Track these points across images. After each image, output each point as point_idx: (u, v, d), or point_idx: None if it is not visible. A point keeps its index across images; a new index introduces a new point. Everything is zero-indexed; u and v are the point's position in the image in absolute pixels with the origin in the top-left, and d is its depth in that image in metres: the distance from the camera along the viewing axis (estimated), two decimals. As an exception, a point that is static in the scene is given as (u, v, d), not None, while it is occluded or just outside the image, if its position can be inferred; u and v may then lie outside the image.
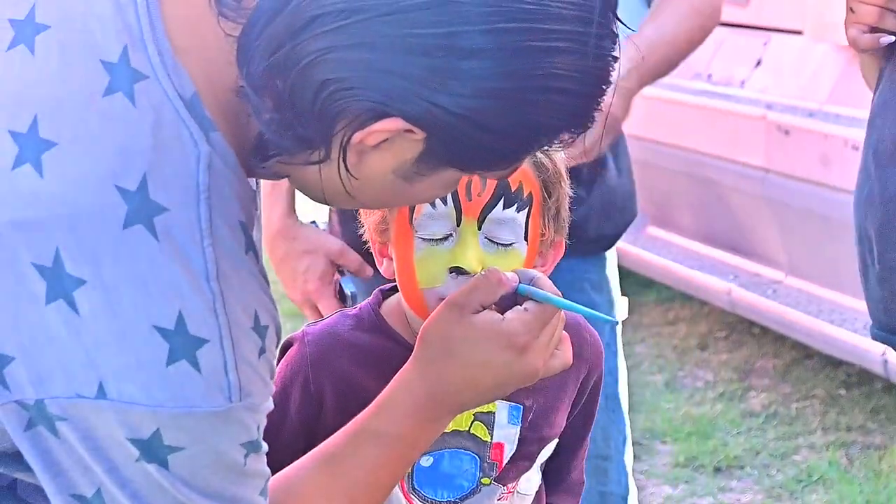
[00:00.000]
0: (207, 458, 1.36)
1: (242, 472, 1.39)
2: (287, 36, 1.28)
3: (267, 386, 1.41)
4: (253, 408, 1.38)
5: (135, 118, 1.32)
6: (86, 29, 1.34)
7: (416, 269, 1.68)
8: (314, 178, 1.39)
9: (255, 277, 1.39)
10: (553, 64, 1.30)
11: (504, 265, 1.67)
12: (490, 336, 1.57)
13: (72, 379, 1.30)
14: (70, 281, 1.29)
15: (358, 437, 1.60)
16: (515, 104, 1.30)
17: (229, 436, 1.36)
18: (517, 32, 1.28)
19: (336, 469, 1.59)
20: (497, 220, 1.67)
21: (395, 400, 1.60)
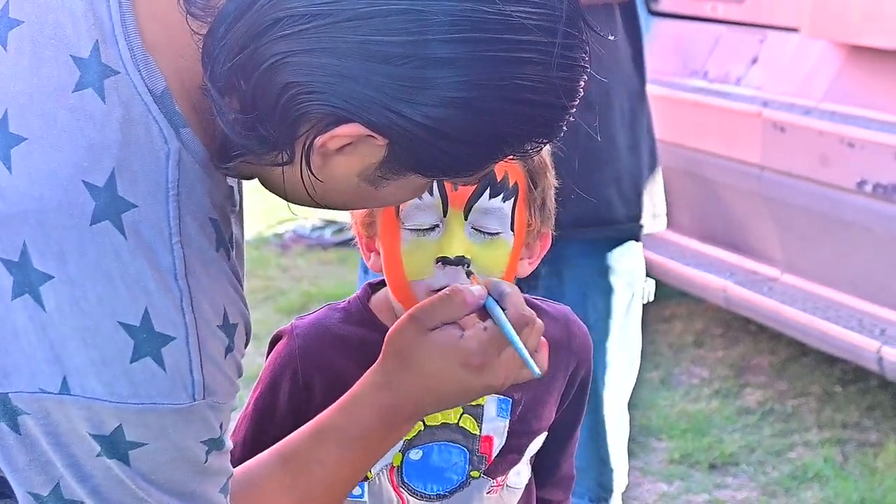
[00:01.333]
0: (168, 454, 1.35)
1: (203, 470, 1.39)
2: (250, 38, 1.28)
3: (232, 385, 1.41)
4: (216, 406, 1.38)
5: (104, 114, 1.31)
6: (58, 24, 1.34)
7: (404, 261, 1.68)
8: (279, 180, 1.38)
9: (224, 275, 1.39)
10: (518, 75, 1.29)
11: (491, 255, 1.67)
12: (446, 354, 1.56)
13: (36, 373, 1.30)
14: (37, 276, 1.28)
15: (319, 435, 1.60)
16: (479, 114, 1.29)
17: (191, 433, 1.36)
18: (482, 43, 1.27)
19: (295, 466, 1.58)
20: (483, 209, 1.67)
21: (358, 402, 1.60)
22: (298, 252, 6.77)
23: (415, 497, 1.82)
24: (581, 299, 2.66)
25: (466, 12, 1.26)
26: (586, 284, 2.66)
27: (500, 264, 1.69)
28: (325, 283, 6.21)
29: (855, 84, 4.43)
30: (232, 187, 1.45)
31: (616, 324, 2.72)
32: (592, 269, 2.66)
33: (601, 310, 2.69)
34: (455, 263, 1.66)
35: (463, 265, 1.66)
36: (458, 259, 1.66)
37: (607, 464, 2.78)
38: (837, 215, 4.35)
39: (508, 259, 1.70)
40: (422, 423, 1.78)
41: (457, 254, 1.66)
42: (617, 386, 2.76)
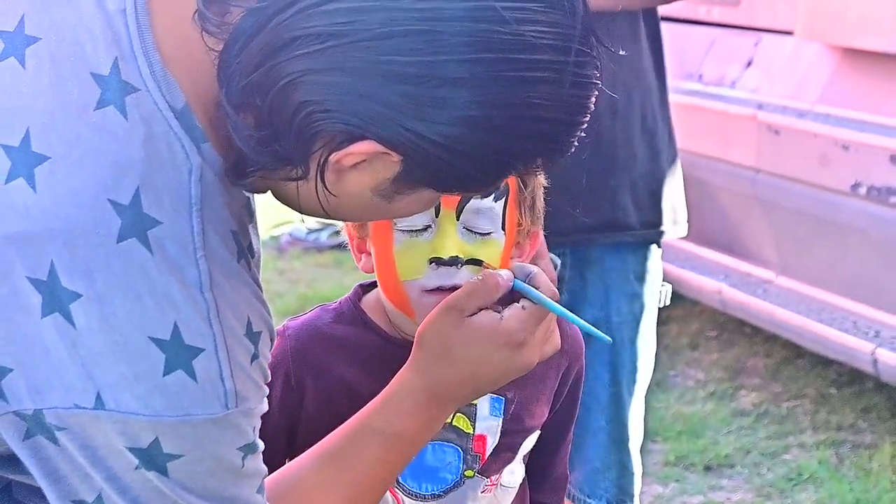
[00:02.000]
0: (206, 463, 1.37)
1: (240, 474, 1.41)
2: (266, 55, 1.29)
3: (260, 389, 1.42)
4: (248, 412, 1.39)
5: (126, 131, 1.32)
6: (76, 41, 1.34)
7: (396, 262, 1.69)
8: (293, 194, 1.40)
9: (247, 285, 1.40)
10: (531, 94, 1.30)
11: (483, 254, 1.69)
12: (489, 336, 1.58)
13: (69, 390, 1.31)
14: (65, 294, 1.29)
15: (359, 434, 1.61)
16: (493, 132, 1.30)
17: (227, 441, 1.38)
18: (495, 62, 1.28)
19: (337, 466, 1.60)
20: (475, 209, 1.68)
21: (396, 400, 1.61)
22: (295, 255, 6.78)
23: (409, 497, 1.82)
24: (604, 302, 2.68)
25: (481, 33, 1.27)
26: (610, 288, 2.67)
27: (493, 263, 1.70)
28: (321, 285, 6.21)
29: (849, 87, 4.44)
30: (249, 198, 1.46)
31: (641, 327, 2.73)
32: (615, 273, 2.67)
33: (624, 313, 2.70)
34: (448, 264, 1.67)
35: (456, 265, 1.67)
36: (451, 259, 1.67)
37: (628, 467, 2.79)
38: (832, 218, 4.35)
39: (500, 258, 1.71)
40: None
41: (450, 254, 1.67)
42: (639, 389, 2.77)
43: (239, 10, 1.32)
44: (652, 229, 2.72)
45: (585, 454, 2.74)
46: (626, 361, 2.73)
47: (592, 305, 2.67)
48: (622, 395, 2.74)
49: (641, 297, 2.72)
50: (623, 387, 2.73)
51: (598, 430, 2.73)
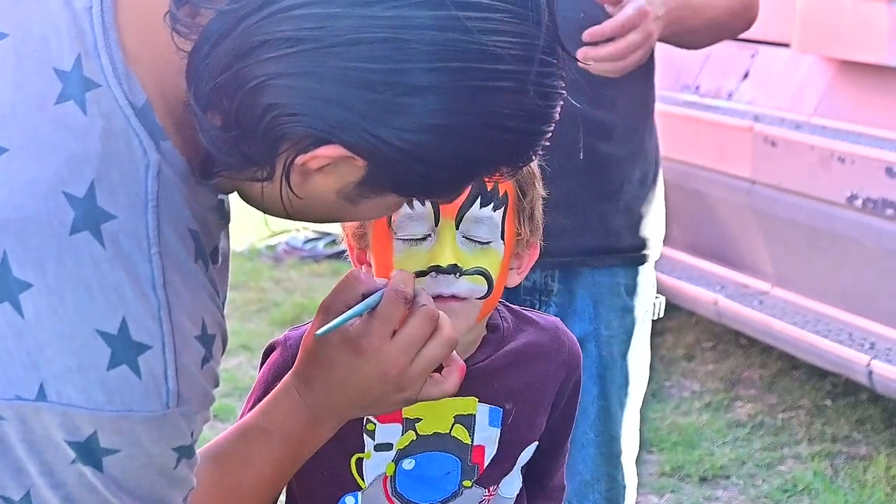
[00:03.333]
0: (141, 460, 1.37)
1: (172, 477, 1.41)
2: (235, 58, 1.30)
3: (207, 395, 1.43)
4: (188, 415, 1.39)
5: (85, 126, 1.32)
6: (42, 37, 1.35)
7: None
8: (257, 194, 1.40)
9: (203, 286, 1.40)
10: (495, 103, 1.31)
11: (482, 264, 1.69)
12: (340, 341, 1.57)
13: (12, 380, 1.31)
14: (16, 284, 1.30)
15: (245, 434, 1.62)
16: (456, 140, 1.31)
17: (164, 440, 1.38)
18: (460, 71, 1.29)
19: (222, 466, 1.60)
20: (474, 218, 1.70)
21: (278, 400, 1.62)
22: (291, 264, 6.79)
23: (407, 507, 1.83)
24: (593, 316, 2.68)
25: (446, 42, 1.28)
26: (599, 302, 2.68)
27: (492, 272, 1.71)
28: (317, 295, 6.22)
29: (845, 99, 4.46)
30: (222, 200, 1.46)
31: (630, 341, 2.74)
32: (605, 287, 2.67)
33: (614, 327, 2.70)
34: (448, 272, 1.68)
35: (455, 273, 1.68)
36: (450, 267, 1.68)
37: (618, 480, 2.78)
38: (828, 229, 4.37)
39: (500, 267, 1.72)
40: (414, 432, 1.80)
41: (449, 262, 1.68)
42: (631, 402, 2.77)
43: (209, 12, 1.32)
44: (642, 251, 2.72)
45: (574, 466, 2.74)
46: (617, 376, 2.73)
47: (581, 319, 2.67)
48: (612, 408, 2.74)
49: (633, 310, 2.72)
50: (613, 400, 2.73)
51: (588, 442, 2.72)
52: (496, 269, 1.71)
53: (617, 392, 2.73)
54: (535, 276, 2.62)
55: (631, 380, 2.74)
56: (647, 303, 2.76)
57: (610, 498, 2.77)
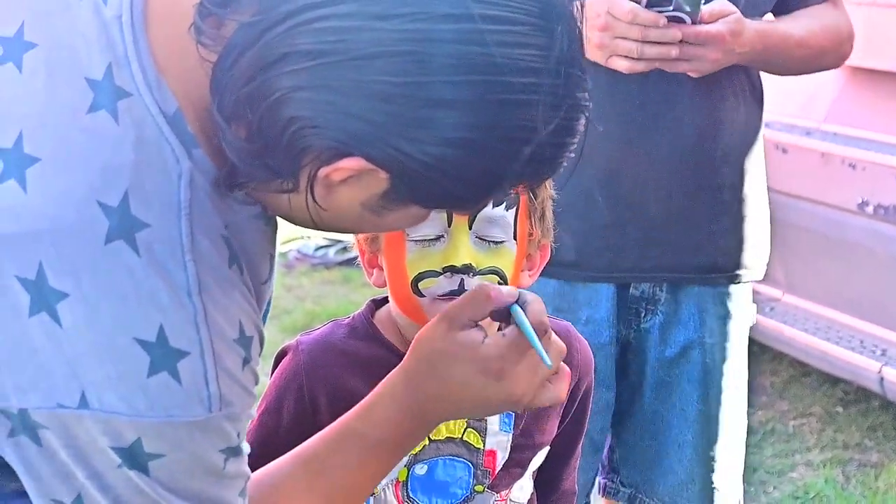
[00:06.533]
0: (187, 463, 1.38)
1: (222, 476, 1.41)
2: (257, 70, 1.30)
3: (250, 395, 1.43)
4: (233, 417, 1.40)
5: (117, 135, 1.33)
6: (72, 47, 1.36)
7: (409, 271, 1.70)
8: (284, 206, 1.41)
9: (238, 290, 1.41)
10: (517, 116, 1.31)
11: (496, 263, 1.70)
12: (468, 357, 1.57)
13: (54, 389, 1.32)
14: (53, 294, 1.30)
15: (340, 438, 1.62)
16: (478, 153, 1.31)
17: (209, 443, 1.38)
18: (481, 85, 1.28)
19: (317, 469, 1.60)
20: (487, 218, 1.70)
21: (379, 404, 1.61)
22: (302, 271, 6.79)
23: (419, 511, 1.83)
24: (698, 325, 2.70)
25: (467, 55, 1.28)
26: (703, 311, 2.70)
27: (505, 272, 1.71)
28: (328, 302, 6.22)
29: (856, 105, 4.45)
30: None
31: (733, 349, 2.76)
32: (709, 297, 2.70)
33: (717, 335, 2.72)
34: (462, 272, 1.68)
35: (469, 273, 1.68)
36: (465, 267, 1.68)
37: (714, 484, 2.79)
38: (839, 236, 4.36)
39: (513, 267, 1.72)
40: (427, 437, 1.80)
41: (463, 262, 1.68)
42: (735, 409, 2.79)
43: (233, 24, 1.33)
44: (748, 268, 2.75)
45: (668, 466, 2.76)
46: (720, 381, 2.75)
47: (686, 328, 2.70)
48: (711, 412, 2.75)
49: (737, 318, 2.75)
50: (713, 405, 2.75)
51: (684, 443, 2.75)
52: (509, 269, 1.72)
53: (719, 397, 2.75)
54: (644, 287, 2.66)
55: (734, 384, 2.77)
56: (748, 310, 2.79)
57: (704, 499, 2.79)
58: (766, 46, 2.55)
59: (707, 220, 2.67)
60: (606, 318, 2.66)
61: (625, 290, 2.68)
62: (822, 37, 2.67)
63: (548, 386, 1.61)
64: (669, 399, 2.75)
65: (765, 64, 2.63)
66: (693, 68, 2.48)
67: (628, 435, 2.80)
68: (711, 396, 2.74)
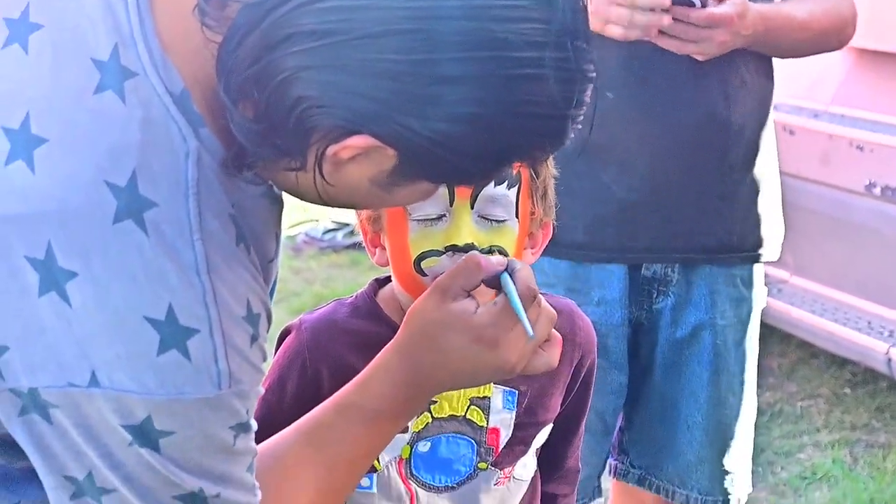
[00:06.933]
0: (197, 440, 1.39)
1: (231, 452, 1.42)
2: (262, 51, 1.31)
3: (258, 372, 1.44)
4: (242, 394, 1.40)
5: (124, 115, 1.34)
6: (77, 28, 1.36)
7: (411, 250, 1.71)
8: (292, 183, 1.42)
9: (246, 268, 1.41)
10: (525, 90, 1.31)
11: (498, 242, 1.70)
12: (461, 326, 1.59)
13: (64, 368, 1.32)
14: (62, 274, 1.31)
15: (339, 411, 1.63)
16: (486, 129, 1.32)
17: (219, 420, 1.39)
18: (488, 60, 1.29)
19: (317, 442, 1.62)
20: (489, 197, 1.70)
21: (375, 377, 1.63)
22: (310, 255, 6.80)
23: (423, 489, 1.84)
24: (709, 306, 2.71)
25: (473, 31, 1.28)
26: (715, 292, 2.70)
27: (508, 251, 1.71)
28: (336, 285, 6.23)
29: (863, 87, 4.45)
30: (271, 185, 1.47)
31: (745, 332, 2.77)
32: (721, 279, 2.71)
33: (729, 317, 2.73)
34: (464, 250, 1.68)
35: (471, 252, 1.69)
36: (467, 246, 1.68)
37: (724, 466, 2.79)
38: (846, 218, 4.36)
39: (515, 246, 1.73)
40: (429, 415, 1.81)
41: (466, 241, 1.68)
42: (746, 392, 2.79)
43: (237, 5, 1.34)
44: (760, 249, 2.75)
45: (677, 447, 2.77)
46: (731, 364, 2.75)
47: (697, 309, 2.70)
48: (722, 395, 2.75)
49: (748, 301, 2.75)
50: (724, 388, 2.75)
51: (693, 425, 2.75)
52: (512, 247, 1.72)
53: (729, 380, 2.75)
54: (656, 268, 2.66)
55: (746, 368, 2.77)
56: (762, 293, 2.79)
57: (713, 481, 2.79)
58: (768, 29, 2.56)
59: (719, 199, 2.67)
60: (619, 299, 2.66)
61: (637, 270, 2.68)
62: (825, 19, 2.68)
63: (540, 353, 1.63)
64: (679, 381, 2.75)
65: (767, 46, 2.63)
66: (700, 50, 2.49)
67: (638, 416, 2.81)
68: (722, 379, 2.74)
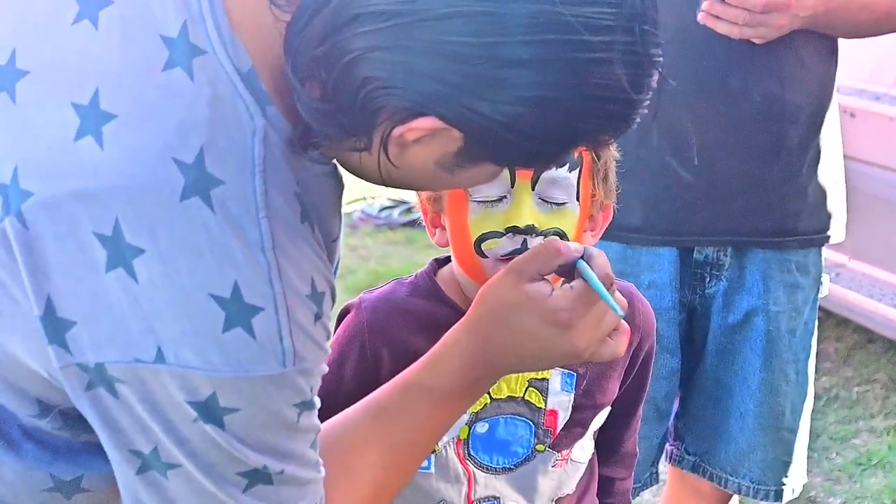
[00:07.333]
0: (261, 418, 1.39)
1: (295, 429, 1.43)
2: (330, 31, 1.31)
3: (322, 350, 1.44)
4: (307, 372, 1.41)
5: (192, 92, 1.34)
6: (147, 4, 1.37)
7: (472, 231, 1.71)
8: (355, 163, 1.42)
9: (310, 246, 1.42)
10: (592, 74, 1.31)
11: (558, 224, 1.70)
12: (536, 308, 1.58)
13: (131, 344, 1.33)
14: (129, 250, 1.32)
15: (406, 390, 1.63)
16: (553, 112, 1.32)
17: (283, 398, 1.40)
18: (556, 44, 1.29)
19: (384, 421, 1.62)
20: (550, 179, 1.70)
21: (445, 357, 1.63)
22: (366, 232, 6.82)
23: (481, 470, 1.84)
24: (762, 291, 2.69)
25: (542, 14, 1.28)
26: (768, 277, 2.69)
27: (568, 233, 1.71)
28: (392, 262, 6.25)
29: (926, 70, 4.41)
30: (335, 165, 1.48)
31: (799, 319, 2.75)
32: (775, 264, 2.69)
33: (782, 303, 2.71)
34: (525, 232, 1.68)
35: (531, 234, 1.69)
36: (527, 227, 1.68)
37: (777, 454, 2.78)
38: (906, 202, 4.33)
39: (575, 228, 1.73)
40: (488, 396, 1.81)
41: (526, 222, 1.68)
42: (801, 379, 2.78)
43: None
44: (818, 234, 2.73)
45: (729, 434, 2.76)
46: (783, 351, 2.73)
47: (750, 294, 2.69)
48: (775, 382, 2.74)
49: (803, 288, 2.73)
50: (777, 374, 2.74)
51: (746, 412, 2.74)
52: (572, 230, 1.72)
53: (782, 368, 2.74)
54: (708, 251, 2.66)
55: (800, 356, 2.75)
56: (817, 281, 2.77)
57: (766, 469, 2.78)
58: (828, 9, 2.54)
59: (775, 182, 2.65)
60: (669, 283, 2.65)
61: (688, 254, 2.67)
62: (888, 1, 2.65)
63: (608, 341, 1.62)
64: (731, 367, 2.74)
65: (827, 27, 2.61)
66: (758, 34, 2.48)
67: (693, 402, 2.80)
68: (775, 366, 2.73)
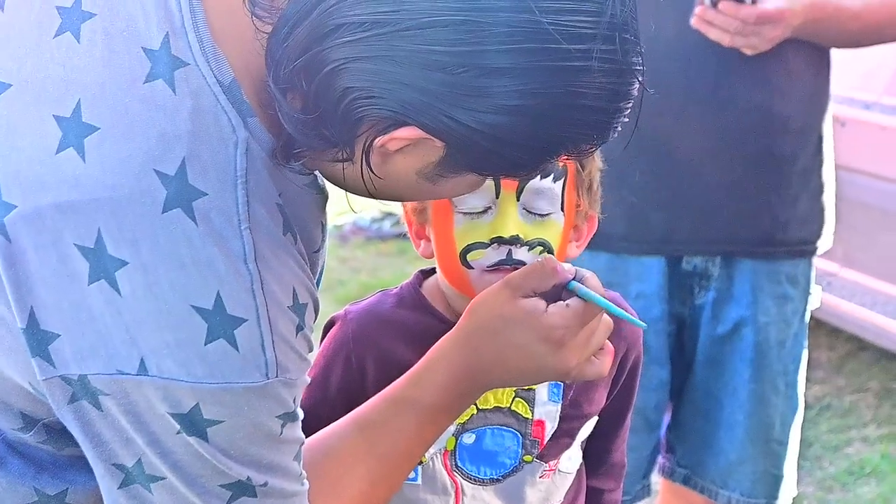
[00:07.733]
0: (245, 429, 1.39)
1: (279, 441, 1.43)
2: (312, 41, 1.31)
3: (304, 361, 1.44)
4: (289, 383, 1.41)
5: (174, 104, 1.34)
6: (129, 17, 1.37)
7: (457, 243, 1.70)
8: (339, 174, 1.42)
9: (292, 257, 1.42)
10: (572, 82, 1.31)
11: (543, 235, 1.70)
12: (532, 324, 1.59)
13: (114, 356, 1.33)
14: (111, 262, 1.31)
15: (393, 404, 1.63)
16: (534, 121, 1.31)
17: (266, 409, 1.40)
18: (536, 52, 1.29)
19: (370, 434, 1.62)
20: (535, 190, 1.70)
21: (432, 369, 1.63)
22: (357, 244, 6.82)
23: (468, 481, 1.83)
24: (751, 302, 2.69)
25: (521, 23, 1.28)
26: (757, 288, 2.69)
27: (553, 244, 1.71)
28: (383, 273, 6.24)
29: (916, 78, 4.41)
30: (316, 176, 1.48)
31: (789, 330, 2.74)
32: (764, 275, 2.69)
33: (772, 314, 2.70)
34: (510, 243, 1.68)
35: (516, 244, 1.68)
36: (512, 238, 1.68)
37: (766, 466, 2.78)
38: (897, 210, 4.33)
39: (560, 239, 1.72)
40: (475, 406, 1.80)
41: (511, 233, 1.68)
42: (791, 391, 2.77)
43: None
44: (807, 244, 2.73)
45: (718, 446, 2.75)
46: (773, 362, 2.73)
47: (738, 304, 2.69)
48: (765, 394, 2.73)
49: (792, 299, 2.72)
50: (766, 386, 2.73)
51: (735, 424, 2.73)
52: (557, 240, 1.72)
53: (772, 379, 2.73)
54: (697, 261, 2.65)
55: (790, 367, 2.74)
56: (807, 292, 2.76)
57: (755, 481, 2.77)
58: (817, 18, 2.54)
59: (763, 192, 2.64)
60: (657, 293, 2.65)
61: (677, 264, 2.66)
62: (880, 11, 2.64)
63: (594, 361, 1.63)
64: (721, 378, 2.73)
65: (818, 37, 2.61)
66: (749, 45, 2.47)
67: (683, 414, 2.79)
68: (764, 377, 2.72)
